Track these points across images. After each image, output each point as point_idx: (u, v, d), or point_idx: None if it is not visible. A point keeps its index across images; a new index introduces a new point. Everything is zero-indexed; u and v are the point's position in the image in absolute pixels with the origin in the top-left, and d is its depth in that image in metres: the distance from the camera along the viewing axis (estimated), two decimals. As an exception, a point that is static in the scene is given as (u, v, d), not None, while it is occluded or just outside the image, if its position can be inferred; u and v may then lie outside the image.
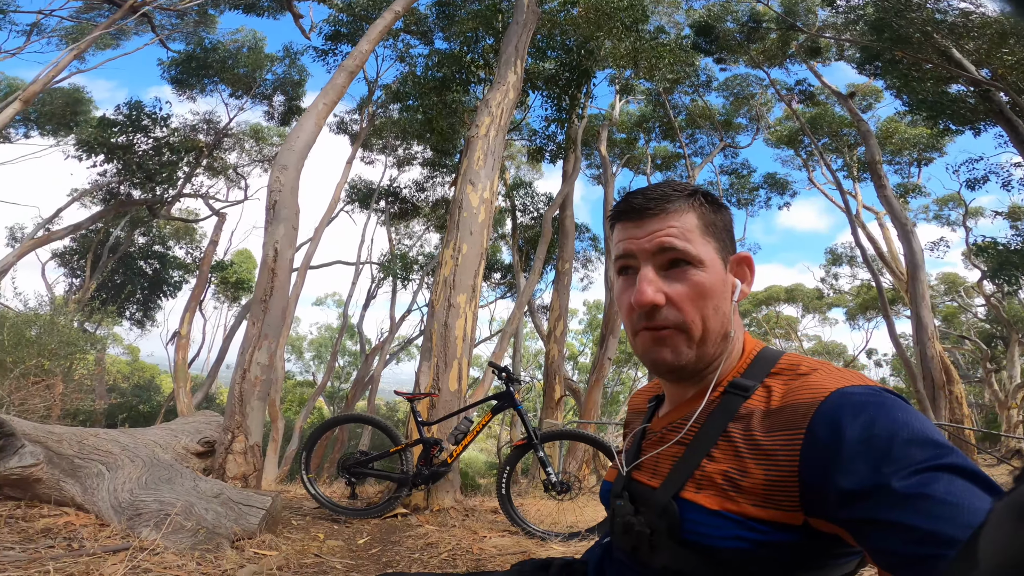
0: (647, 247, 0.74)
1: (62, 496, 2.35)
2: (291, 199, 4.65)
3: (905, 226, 10.16)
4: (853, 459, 0.57)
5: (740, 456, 0.66)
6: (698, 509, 0.67)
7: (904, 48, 9.62)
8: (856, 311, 22.41)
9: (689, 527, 0.67)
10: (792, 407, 0.64)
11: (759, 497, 0.63)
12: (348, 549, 2.55)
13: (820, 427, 0.61)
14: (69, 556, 1.62)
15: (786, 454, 0.62)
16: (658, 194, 0.77)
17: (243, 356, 3.99)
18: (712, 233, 0.76)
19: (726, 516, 0.64)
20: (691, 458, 0.71)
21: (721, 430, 0.70)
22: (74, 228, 13.71)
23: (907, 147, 15.50)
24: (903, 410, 0.59)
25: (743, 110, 17.46)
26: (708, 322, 0.73)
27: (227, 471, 3.37)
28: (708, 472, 0.68)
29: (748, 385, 0.71)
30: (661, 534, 0.69)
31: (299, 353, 31.52)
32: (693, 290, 0.72)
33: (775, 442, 0.64)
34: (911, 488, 0.52)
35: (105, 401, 11.41)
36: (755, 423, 0.67)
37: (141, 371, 24.33)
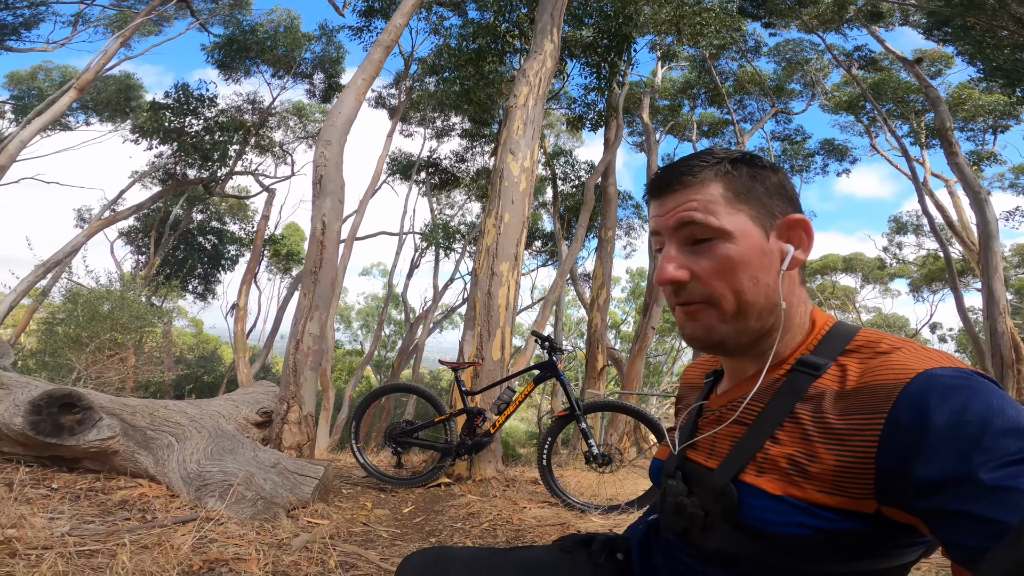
0: (669, 224, 0.72)
1: (136, 467, 2.56)
2: (336, 173, 4.75)
3: (978, 194, 9.43)
4: (939, 446, 0.53)
5: (809, 439, 0.63)
6: (758, 493, 0.64)
7: (977, 14, 8.80)
8: (920, 282, 21.13)
9: (747, 511, 0.65)
10: (872, 388, 0.60)
11: (828, 484, 0.60)
12: (394, 518, 2.69)
13: (904, 411, 0.57)
14: (144, 528, 1.78)
15: (863, 439, 0.59)
16: (682, 168, 0.73)
17: (296, 327, 4.17)
18: (747, 200, 0.71)
19: (789, 502, 0.62)
20: (753, 439, 0.67)
21: (788, 411, 0.66)
22: (136, 208, 14.51)
23: (981, 114, 14.38)
24: (997, 396, 0.55)
25: (796, 76, 16.54)
26: (744, 295, 0.69)
27: (283, 441, 3.57)
28: (772, 455, 0.65)
29: (819, 363, 0.67)
30: (716, 517, 0.67)
31: (347, 323, 32.66)
32: (720, 264, 0.69)
33: (850, 425, 0.60)
34: (1000, 480, 0.49)
35: (173, 372, 12.25)
36: (827, 405, 0.63)
37: (205, 343, 25.87)
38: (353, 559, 1.90)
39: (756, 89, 16.30)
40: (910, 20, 12.50)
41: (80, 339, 6.03)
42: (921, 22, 11.68)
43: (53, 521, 1.77)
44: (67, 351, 5.84)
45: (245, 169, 17.33)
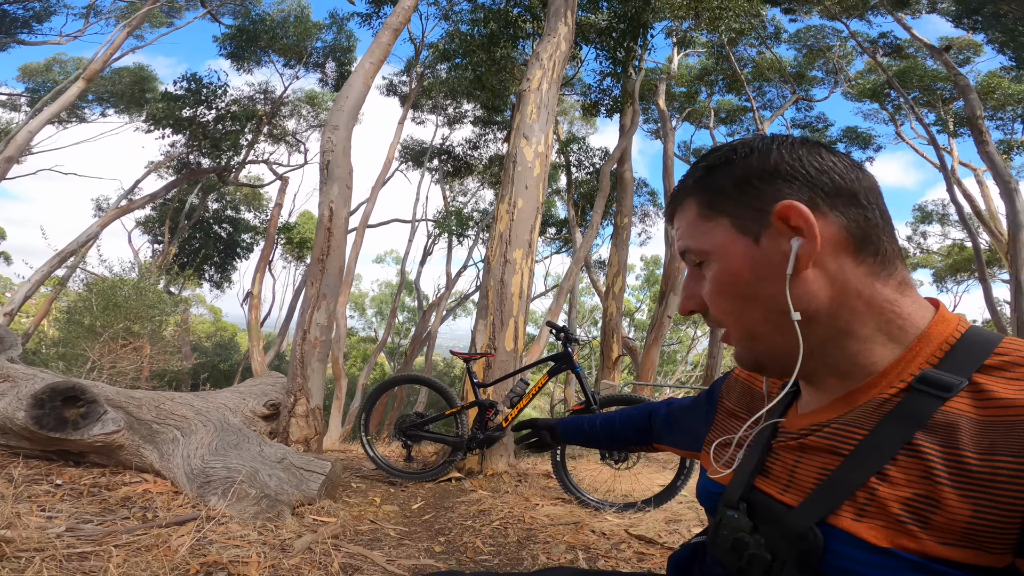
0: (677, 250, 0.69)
1: (142, 462, 2.52)
2: (343, 159, 4.66)
3: (1008, 183, 9.14)
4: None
5: (934, 480, 0.49)
6: (855, 543, 0.51)
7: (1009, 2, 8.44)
8: (945, 272, 20.64)
9: (834, 562, 0.52)
10: None
11: (955, 535, 0.48)
12: (403, 515, 2.62)
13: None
14: (142, 528, 1.72)
15: (1015, 488, 0.46)
16: (678, 186, 0.68)
17: (303, 317, 4.12)
18: (721, 208, 0.60)
19: (897, 555, 0.49)
20: (853, 474, 0.54)
21: (904, 441, 0.52)
22: (151, 197, 14.64)
23: (1011, 102, 14.00)
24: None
25: (818, 63, 16.16)
26: (741, 317, 0.60)
27: (290, 435, 3.53)
28: (880, 496, 0.51)
29: (950, 382, 0.52)
30: (788, 564, 0.54)
31: (362, 310, 32.89)
32: (712, 287, 0.62)
33: (999, 469, 0.47)
34: None
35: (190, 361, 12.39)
36: (964, 438, 0.49)
37: (223, 330, 26.24)
38: (358, 561, 1.83)
39: (776, 76, 15.95)
40: (938, 7, 12.11)
41: (93, 328, 6.07)
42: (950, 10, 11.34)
43: (50, 520, 1.73)
44: (82, 341, 5.89)
45: (258, 158, 17.40)
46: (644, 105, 14.10)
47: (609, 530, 2.53)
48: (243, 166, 16.74)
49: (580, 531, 2.49)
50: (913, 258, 21.70)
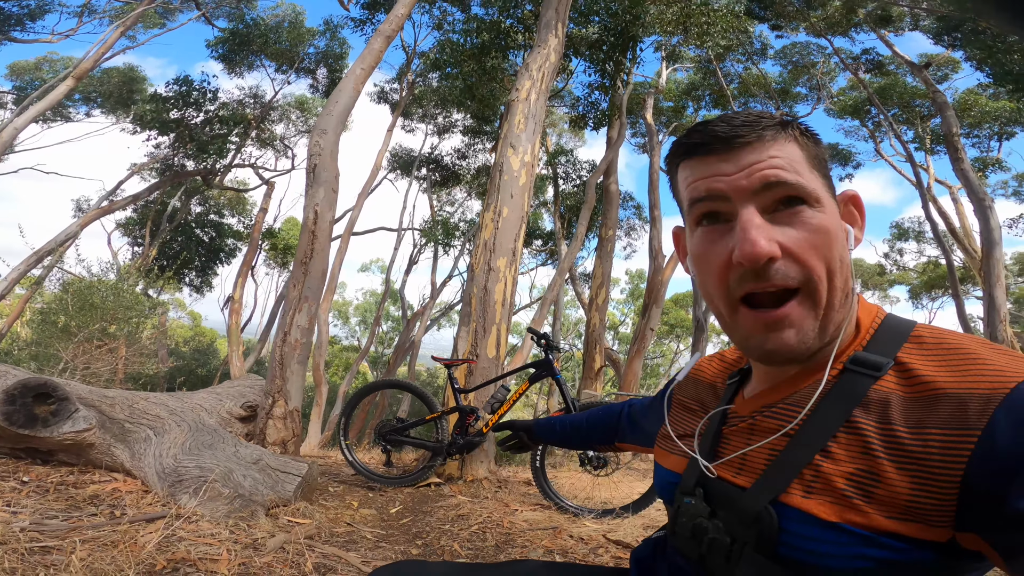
0: (745, 184, 0.56)
1: (112, 461, 2.46)
2: (331, 162, 4.66)
3: (983, 201, 9.37)
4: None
5: (873, 455, 0.51)
6: (806, 519, 0.52)
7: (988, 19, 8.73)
8: (920, 289, 21.14)
9: (789, 540, 0.53)
10: (958, 397, 0.49)
11: (897, 509, 0.49)
12: (380, 518, 2.59)
13: (1004, 429, 0.46)
14: (109, 525, 1.68)
15: (947, 460, 0.48)
16: (747, 120, 0.58)
17: (283, 319, 4.08)
18: (819, 168, 0.59)
19: (847, 530, 0.51)
20: (799, 453, 0.55)
21: (843, 419, 0.54)
22: (133, 198, 14.42)
23: (987, 120, 14.35)
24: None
25: (802, 79, 16.51)
26: (835, 277, 0.56)
27: (267, 436, 3.47)
28: (825, 473, 0.53)
29: (876, 361, 0.55)
30: (746, 545, 0.55)
31: (345, 318, 32.60)
32: (815, 235, 0.55)
33: (929, 442, 0.49)
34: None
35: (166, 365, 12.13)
36: (895, 414, 0.52)
37: (202, 335, 25.78)
38: (332, 561, 1.80)
39: (761, 92, 16.24)
40: (920, 25, 12.45)
41: (69, 329, 5.94)
42: (931, 27, 11.63)
43: (14, 515, 1.67)
44: (55, 342, 5.75)
45: (245, 162, 17.25)
46: (632, 119, 14.29)
47: (587, 535, 2.53)
48: (229, 169, 16.58)
49: (558, 536, 2.49)
50: (890, 275, 22.18)
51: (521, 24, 9.41)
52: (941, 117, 10.60)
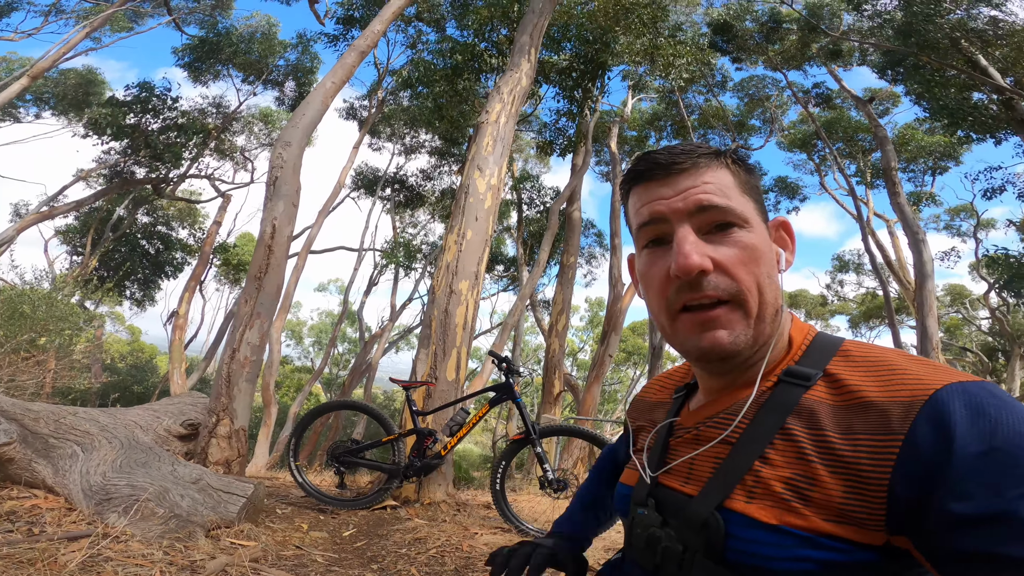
0: (681, 206, 0.62)
1: (33, 477, 2.24)
2: (292, 176, 4.53)
3: (916, 235, 9.99)
4: (969, 478, 0.45)
5: (807, 460, 0.54)
6: (750, 523, 0.54)
7: (930, 53, 9.43)
8: (859, 319, 22.28)
9: (736, 544, 0.55)
10: (883, 406, 0.52)
11: (833, 512, 0.51)
12: (332, 541, 2.44)
13: (925, 433, 0.48)
14: (26, 542, 1.50)
15: (874, 466, 0.50)
16: (685, 149, 0.65)
17: (233, 335, 3.87)
18: (749, 193, 0.65)
19: (789, 532, 0.52)
20: (739, 460, 0.58)
21: (778, 426, 0.57)
22: (76, 205, 13.65)
23: (923, 155, 15.33)
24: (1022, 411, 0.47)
25: (757, 112, 17.30)
26: (764, 291, 0.60)
27: (209, 456, 3.25)
28: (763, 477, 0.55)
29: (808, 373, 0.59)
30: (697, 551, 0.57)
31: (299, 338, 31.56)
32: (744, 252, 0.60)
33: (858, 448, 0.51)
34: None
35: (99, 380, 11.33)
36: (825, 421, 0.54)
37: (140, 351, 24.36)
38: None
39: (720, 124, 16.93)
40: (867, 59, 13.27)
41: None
42: (876, 61, 12.37)
43: (-91, 536, 1.48)
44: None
45: (201, 172, 16.66)
46: (596, 147, 14.64)
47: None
48: (183, 180, 15.96)
49: (519, 560, 2.40)
50: (831, 305, 23.31)
51: (495, 48, 9.58)
52: (881, 151, 11.29)
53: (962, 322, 21.65)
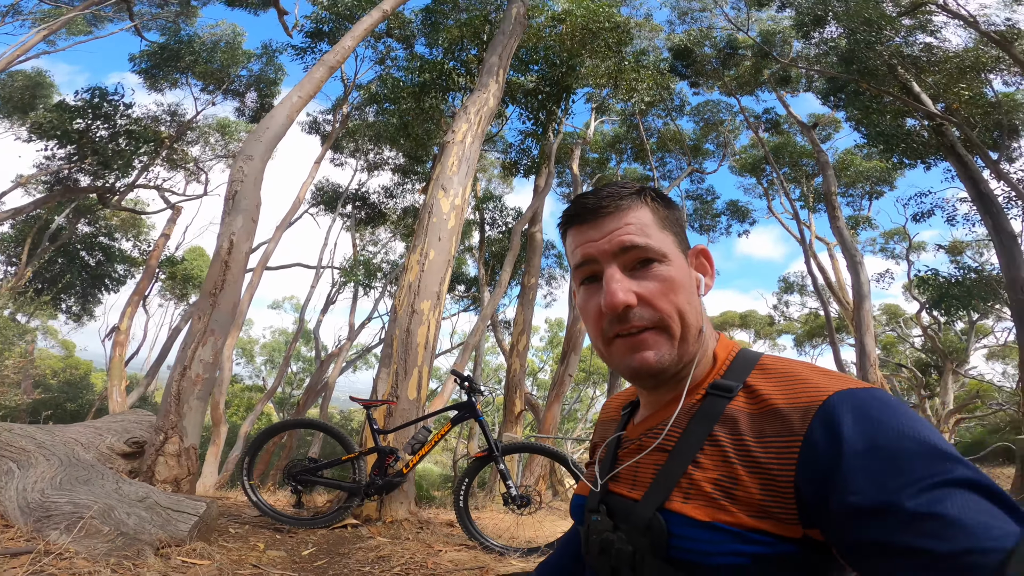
0: (607, 248, 0.70)
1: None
2: (253, 191, 4.43)
3: (854, 257, 10.58)
4: (857, 472, 0.51)
5: (730, 462, 0.60)
6: (688, 522, 0.60)
7: (869, 80, 10.05)
8: (804, 338, 23.27)
9: (677, 543, 0.60)
10: (786, 411, 0.59)
11: (754, 508, 0.57)
12: (291, 560, 2.34)
13: (819, 433, 0.55)
14: (-46, 560, 1.38)
15: (781, 464, 0.57)
16: (609, 192, 0.72)
17: (184, 352, 3.72)
18: (669, 227, 0.73)
19: (720, 528, 0.58)
20: (675, 465, 0.64)
21: (706, 434, 0.64)
22: (14, 212, 12.81)
23: (861, 179, 16.25)
24: (906, 415, 0.54)
25: (712, 136, 18.00)
26: (685, 316, 0.68)
27: (156, 474, 3.08)
28: (696, 480, 0.62)
29: (730, 386, 0.66)
30: (645, 552, 0.62)
31: (250, 356, 30.34)
32: (663, 284, 0.68)
33: (768, 449, 0.58)
34: (922, 507, 0.47)
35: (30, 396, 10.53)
36: (743, 427, 0.62)
37: (74, 367, 22.80)
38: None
39: (676, 147, 17.51)
40: (813, 85, 14.07)
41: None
42: (821, 87, 13.11)
43: None
44: None
45: (150, 183, 15.96)
46: (559, 168, 14.93)
47: (513, 573, 2.43)
48: (131, 189, 15.23)
49: (485, 575, 2.37)
50: (777, 325, 24.28)
51: (464, 67, 9.70)
52: (823, 176, 11.97)
53: (897, 340, 22.91)
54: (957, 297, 9.81)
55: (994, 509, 0.47)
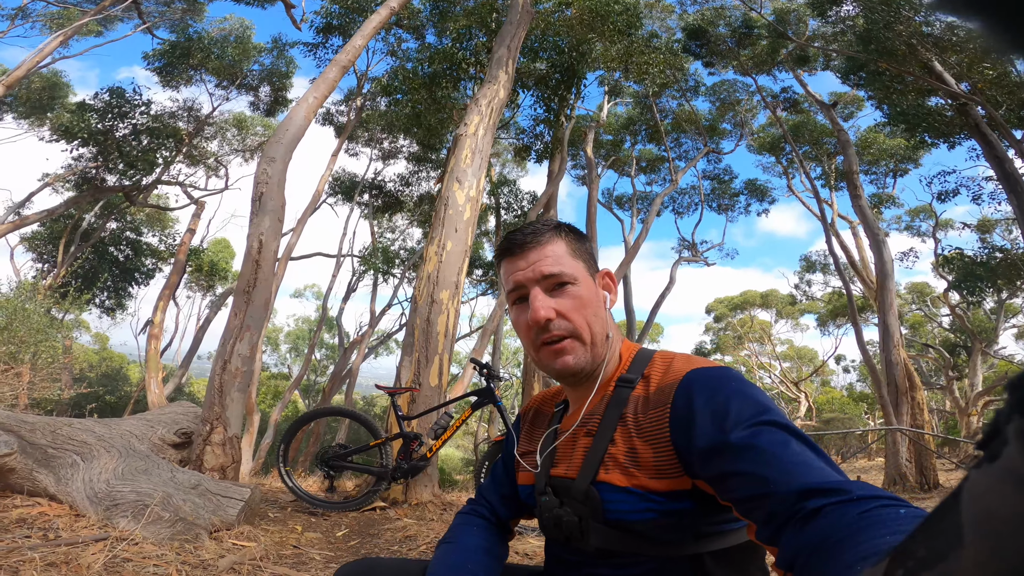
0: (531, 275, 0.87)
1: (35, 486, 2.32)
2: (278, 191, 4.61)
3: (877, 236, 10.37)
4: (703, 422, 0.69)
5: (632, 437, 0.78)
6: (612, 488, 0.77)
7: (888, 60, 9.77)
8: (827, 317, 22.90)
9: (609, 507, 0.77)
10: (661, 388, 0.78)
11: (653, 470, 0.74)
12: (327, 541, 2.57)
13: (680, 400, 0.74)
14: (47, 546, 1.61)
15: (660, 427, 0.75)
16: (532, 230, 0.91)
17: (224, 347, 3.96)
18: (579, 256, 0.90)
19: (633, 491, 0.75)
20: (599, 445, 0.81)
21: (618, 417, 0.81)
22: (49, 213, 13.31)
23: (884, 158, 15.76)
24: (738, 381, 0.73)
25: (728, 116, 17.53)
26: (593, 326, 0.85)
27: (205, 462, 3.34)
28: (613, 454, 0.79)
29: (632, 378, 0.84)
30: (587, 518, 0.79)
31: (275, 345, 31.07)
32: (576, 301, 0.86)
33: (652, 420, 0.76)
34: (743, 440, 0.64)
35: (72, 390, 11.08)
36: (639, 407, 0.79)
37: (109, 360, 23.71)
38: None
39: (692, 128, 17.10)
40: (831, 64, 13.64)
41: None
42: (840, 66, 12.72)
43: (-66, 544, 1.57)
44: (-50, 364, 5.18)
45: (173, 179, 16.36)
46: (573, 151, 14.84)
47: (531, 551, 2.62)
48: (155, 186, 15.65)
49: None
50: (800, 304, 23.93)
51: (474, 56, 9.70)
52: (844, 155, 11.67)
53: (925, 319, 22.40)
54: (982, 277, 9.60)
55: (792, 440, 0.63)
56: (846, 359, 28.43)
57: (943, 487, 7.68)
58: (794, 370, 26.29)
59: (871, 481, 7.92)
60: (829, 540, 0.51)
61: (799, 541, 0.54)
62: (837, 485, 0.56)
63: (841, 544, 0.49)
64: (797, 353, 26.85)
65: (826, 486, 0.56)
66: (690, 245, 18.65)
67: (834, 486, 0.56)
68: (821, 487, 0.56)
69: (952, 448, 14.65)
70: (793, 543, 0.54)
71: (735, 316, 26.29)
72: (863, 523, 0.50)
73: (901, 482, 8.31)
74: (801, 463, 0.60)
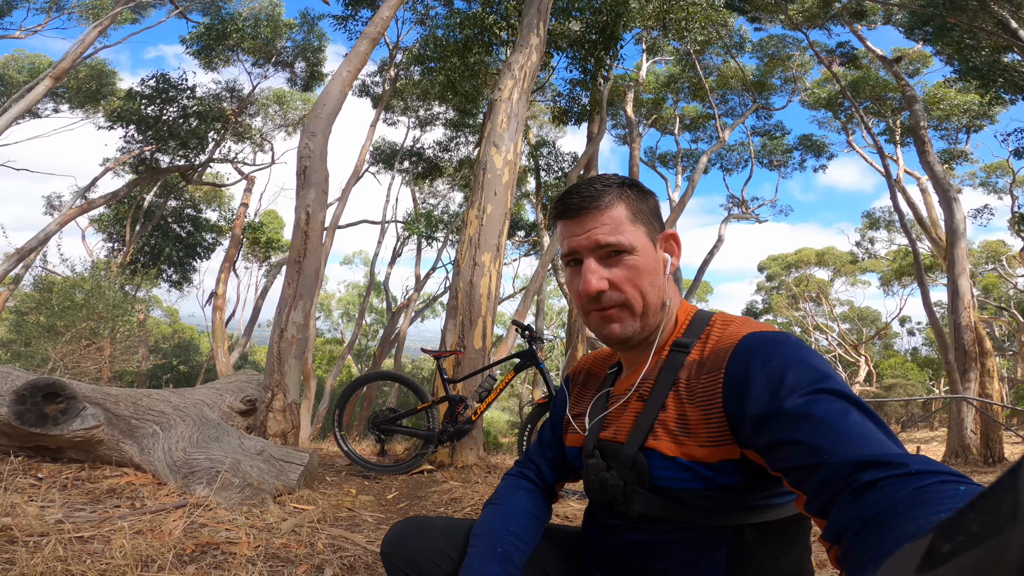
0: (586, 244, 0.85)
1: (121, 457, 2.59)
2: (320, 164, 4.75)
3: (947, 192, 9.67)
4: (758, 389, 0.68)
5: (684, 402, 0.77)
6: (661, 456, 0.77)
7: (958, 15, 8.96)
8: (891, 276, 21.73)
9: (656, 473, 0.77)
10: (715, 353, 0.77)
11: (703, 437, 0.73)
12: (378, 504, 2.76)
13: (734, 365, 0.73)
14: (134, 514, 1.82)
15: (713, 392, 0.74)
16: (591, 192, 0.86)
17: (280, 316, 4.19)
18: (640, 219, 0.86)
19: (680, 461, 0.75)
20: (650, 411, 0.80)
21: (671, 383, 0.80)
22: (113, 196, 14.18)
23: (955, 113, 14.59)
24: (796, 347, 0.71)
25: (778, 71, 16.59)
26: (647, 297, 0.84)
27: (268, 429, 3.61)
28: (663, 421, 0.78)
29: (687, 342, 0.83)
30: (633, 484, 0.80)
31: (328, 311, 32.41)
32: (630, 272, 0.84)
33: (705, 384, 0.75)
34: (798, 408, 0.62)
35: (149, 362, 12.03)
36: (693, 372, 0.78)
37: (181, 332, 25.44)
38: (340, 542, 1.97)
39: (739, 84, 16.32)
40: (892, 19, 12.61)
41: (55, 328, 5.91)
42: (903, 21, 11.76)
43: (44, 509, 1.81)
44: (42, 341, 5.73)
45: (223, 157, 17.02)
46: (612, 111, 14.37)
47: (572, 513, 2.73)
48: (207, 165, 16.36)
49: (545, 515, 2.69)
50: (861, 263, 22.74)
51: (504, 19, 9.43)
52: (910, 110, 10.86)
53: (1000, 280, 20.88)
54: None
55: (850, 409, 0.61)
56: (911, 321, 27.03)
57: (1008, 461, 7.33)
58: (854, 332, 25.19)
59: (931, 453, 7.71)
60: (882, 515, 0.49)
61: (850, 514, 0.52)
62: (895, 458, 0.54)
63: (893, 519, 0.48)
64: (858, 314, 25.68)
65: (883, 458, 0.54)
66: (740, 202, 17.98)
67: (892, 459, 0.53)
68: (878, 459, 0.54)
69: (1022, 420, 13.78)
70: (844, 516, 0.53)
71: (789, 275, 25.27)
72: (919, 499, 0.48)
73: (964, 454, 7.99)
74: (858, 434, 0.58)
